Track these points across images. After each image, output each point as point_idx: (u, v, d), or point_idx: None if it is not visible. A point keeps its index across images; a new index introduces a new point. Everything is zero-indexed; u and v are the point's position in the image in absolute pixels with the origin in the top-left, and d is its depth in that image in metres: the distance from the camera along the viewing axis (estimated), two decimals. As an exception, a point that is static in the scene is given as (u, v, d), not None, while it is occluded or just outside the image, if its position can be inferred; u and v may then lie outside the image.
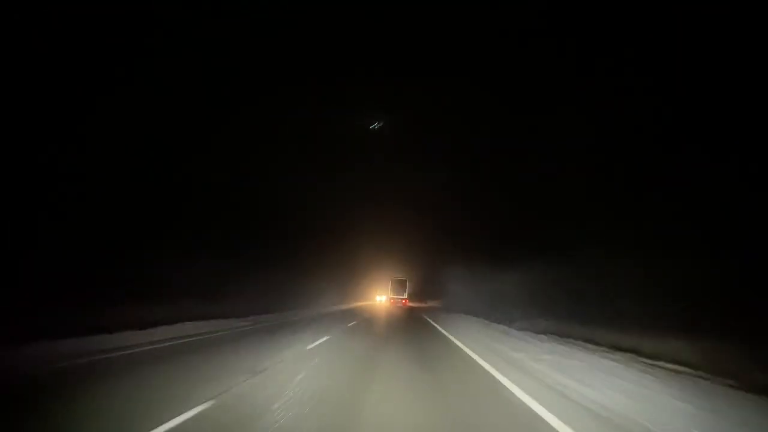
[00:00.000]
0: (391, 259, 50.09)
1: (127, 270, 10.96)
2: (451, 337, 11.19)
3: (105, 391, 4.71)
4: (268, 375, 5.70)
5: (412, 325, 15.63)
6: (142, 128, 12.19)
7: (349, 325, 14.64)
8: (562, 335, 10.33)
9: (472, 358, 7.65)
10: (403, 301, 38.94)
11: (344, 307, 33.79)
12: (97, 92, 10.66)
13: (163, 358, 6.91)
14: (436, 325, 15.69)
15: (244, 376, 5.53)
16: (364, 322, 16.51)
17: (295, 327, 13.27)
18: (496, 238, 19.19)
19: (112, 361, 6.58)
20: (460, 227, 26.58)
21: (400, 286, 39.92)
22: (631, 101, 9.91)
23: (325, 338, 10.09)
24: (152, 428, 3.53)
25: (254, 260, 18.57)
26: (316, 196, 28.39)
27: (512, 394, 5.00)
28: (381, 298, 46.39)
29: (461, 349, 8.88)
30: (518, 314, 14.94)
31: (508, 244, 17.48)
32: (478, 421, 4.03)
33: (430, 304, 41.18)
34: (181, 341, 9.01)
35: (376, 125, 23.46)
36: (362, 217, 41.14)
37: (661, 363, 6.76)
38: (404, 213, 43.68)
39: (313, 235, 28.79)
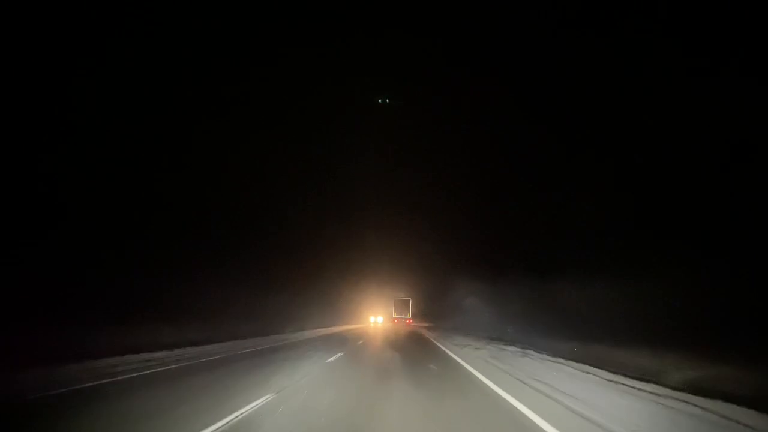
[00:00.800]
0: (391, 278, 47.15)
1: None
2: None
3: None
4: None
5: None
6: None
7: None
8: None
9: None
10: (407, 320, 37.35)
11: (325, 331, 25.99)
12: (106, 102, 11.21)
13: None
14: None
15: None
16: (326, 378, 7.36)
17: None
18: (543, 244, 15.93)
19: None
20: (487, 237, 23.54)
21: (403, 305, 38.36)
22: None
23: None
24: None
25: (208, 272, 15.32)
26: (306, 207, 25.88)
27: None
28: (376, 319, 40.80)
29: None
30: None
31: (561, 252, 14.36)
32: None
33: (438, 324, 38.00)
34: None
35: (386, 100, 21.01)
36: (359, 233, 38.43)
37: None
38: (408, 225, 41.09)
39: (298, 251, 25.78)
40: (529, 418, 4.57)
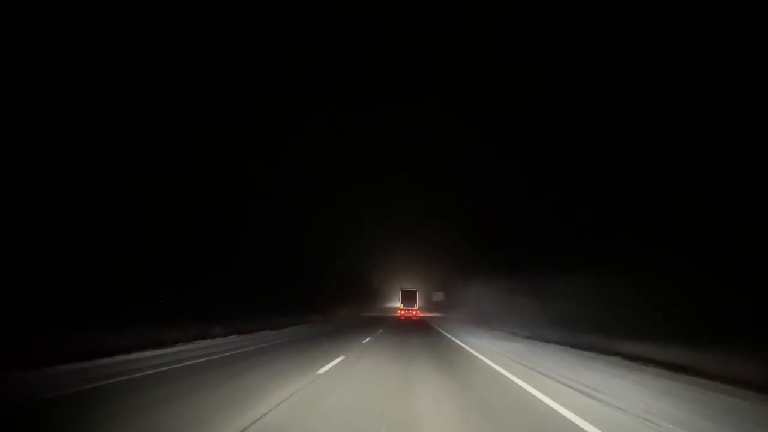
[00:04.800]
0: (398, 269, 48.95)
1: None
2: None
3: None
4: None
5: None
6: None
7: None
8: None
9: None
10: (414, 311, 37.79)
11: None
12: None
13: None
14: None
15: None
16: None
17: None
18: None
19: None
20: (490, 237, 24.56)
21: (410, 296, 38.83)
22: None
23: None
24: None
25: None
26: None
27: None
28: None
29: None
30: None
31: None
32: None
33: (446, 315, 39.62)
34: None
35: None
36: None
37: None
38: (418, 222, 42.30)
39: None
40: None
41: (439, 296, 46.41)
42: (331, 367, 7.23)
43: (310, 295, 26.10)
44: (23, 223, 8.46)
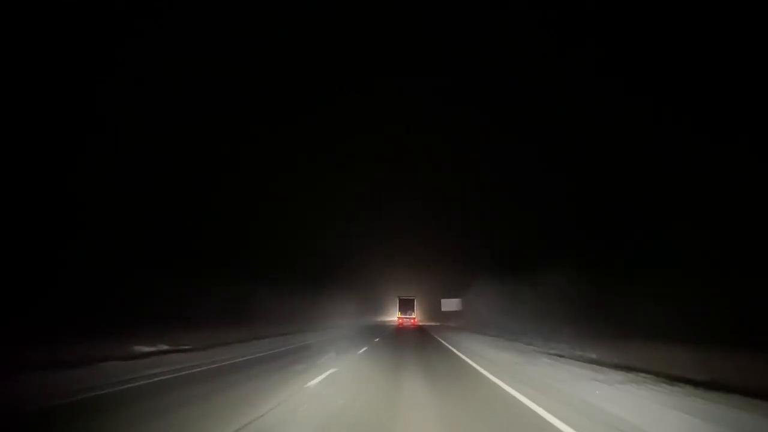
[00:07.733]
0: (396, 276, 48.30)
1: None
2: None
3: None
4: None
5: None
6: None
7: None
8: None
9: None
10: (412, 319, 37.44)
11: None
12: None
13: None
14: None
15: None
16: None
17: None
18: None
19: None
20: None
21: (407, 304, 38.52)
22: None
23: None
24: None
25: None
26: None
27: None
28: None
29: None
30: None
31: None
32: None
33: (441, 324, 38.86)
34: None
35: None
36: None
37: None
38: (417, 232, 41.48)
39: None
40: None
41: (451, 304, 39.70)
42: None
43: (304, 306, 25.45)
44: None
